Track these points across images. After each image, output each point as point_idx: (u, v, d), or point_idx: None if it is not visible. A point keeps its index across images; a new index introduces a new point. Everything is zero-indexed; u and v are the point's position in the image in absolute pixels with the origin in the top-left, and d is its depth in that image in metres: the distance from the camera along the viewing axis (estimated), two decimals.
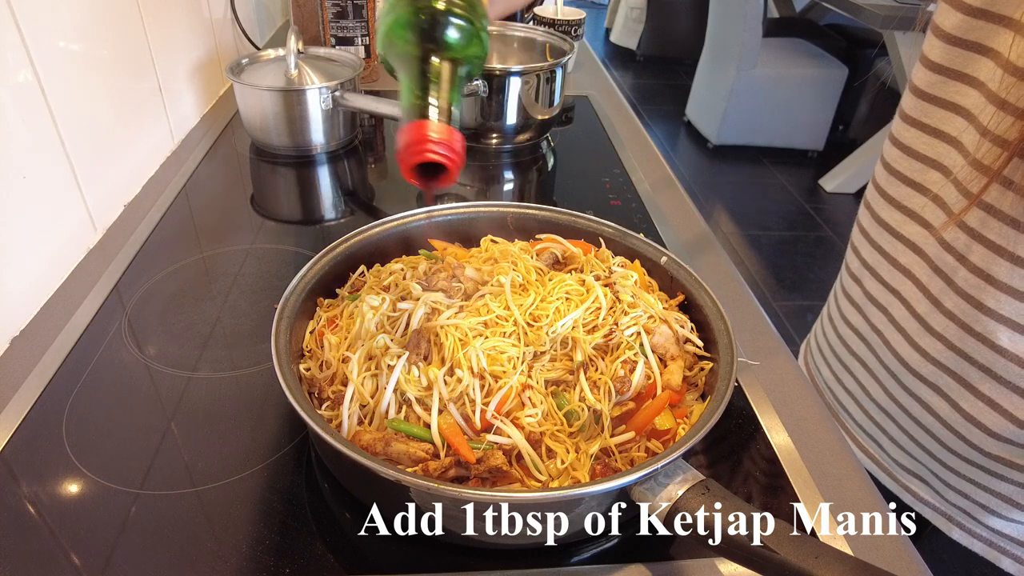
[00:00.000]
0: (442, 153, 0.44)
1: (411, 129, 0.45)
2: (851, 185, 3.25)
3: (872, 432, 0.70)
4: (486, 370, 0.52)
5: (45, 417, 0.60)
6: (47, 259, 0.75)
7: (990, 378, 0.56)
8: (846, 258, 0.72)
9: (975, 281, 0.54)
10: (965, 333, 0.56)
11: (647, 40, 4.82)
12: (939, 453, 0.62)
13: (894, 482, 0.69)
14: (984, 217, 0.52)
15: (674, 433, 0.53)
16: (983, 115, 0.51)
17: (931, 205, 0.58)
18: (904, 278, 0.61)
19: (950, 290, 0.56)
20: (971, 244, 0.54)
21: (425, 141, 0.44)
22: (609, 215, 0.73)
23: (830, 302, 0.76)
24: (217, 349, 0.69)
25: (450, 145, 0.45)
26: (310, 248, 0.86)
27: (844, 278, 0.72)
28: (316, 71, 1.04)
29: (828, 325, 0.75)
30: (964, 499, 0.63)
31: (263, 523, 0.51)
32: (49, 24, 0.73)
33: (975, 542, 0.65)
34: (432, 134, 0.44)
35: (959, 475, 0.62)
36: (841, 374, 0.73)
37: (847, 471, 0.59)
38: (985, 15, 0.51)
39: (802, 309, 2.52)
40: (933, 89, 0.57)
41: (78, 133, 0.79)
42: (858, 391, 0.70)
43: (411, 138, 0.44)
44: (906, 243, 0.61)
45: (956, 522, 0.65)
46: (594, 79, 1.47)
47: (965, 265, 0.55)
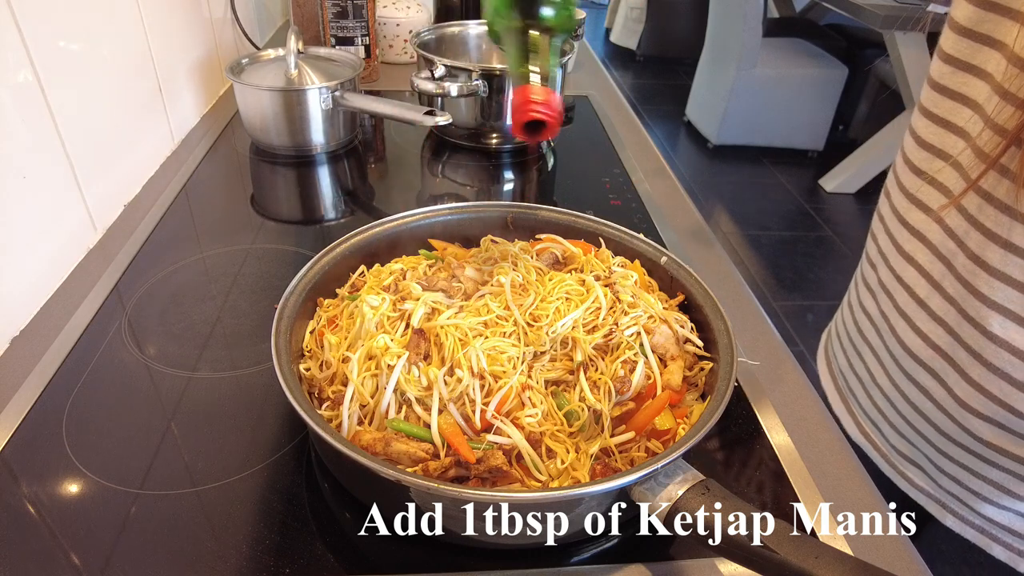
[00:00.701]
0: (543, 111, 0.53)
1: (517, 93, 0.54)
2: (851, 185, 3.26)
3: (875, 418, 0.70)
4: (486, 370, 0.52)
5: (45, 417, 0.60)
6: (47, 259, 0.75)
7: (980, 363, 0.57)
8: (866, 246, 0.73)
9: (971, 267, 0.55)
10: (961, 318, 0.57)
11: (647, 40, 4.82)
12: (934, 438, 0.63)
13: (891, 468, 0.70)
14: (981, 203, 0.53)
15: (674, 433, 0.53)
16: (988, 105, 0.52)
17: (936, 193, 0.59)
18: (907, 264, 0.62)
19: (950, 274, 0.57)
20: (969, 230, 0.55)
21: (529, 103, 0.53)
22: (609, 215, 0.73)
23: (850, 290, 0.77)
24: (217, 349, 0.69)
25: (549, 104, 0.53)
26: (310, 248, 0.86)
27: (863, 265, 0.73)
28: (316, 71, 1.04)
29: (847, 313, 0.76)
30: (957, 486, 0.64)
31: (263, 523, 0.51)
32: (49, 24, 0.73)
33: (968, 529, 0.65)
34: (535, 96, 0.53)
35: (953, 461, 0.63)
36: (854, 360, 0.74)
37: (847, 471, 0.59)
38: (995, 7, 0.52)
39: (802, 309, 2.52)
40: (945, 80, 0.58)
41: (78, 133, 0.79)
42: (866, 377, 0.71)
43: (518, 101, 0.54)
44: (911, 230, 0.62)
45: (950, 509, 0.66)
46: (594, 79, 1.47)
47: (963, 250, 0.56)
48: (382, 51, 1.44)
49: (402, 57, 1.46)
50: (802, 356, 2.25)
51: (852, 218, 3.13)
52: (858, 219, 3.12)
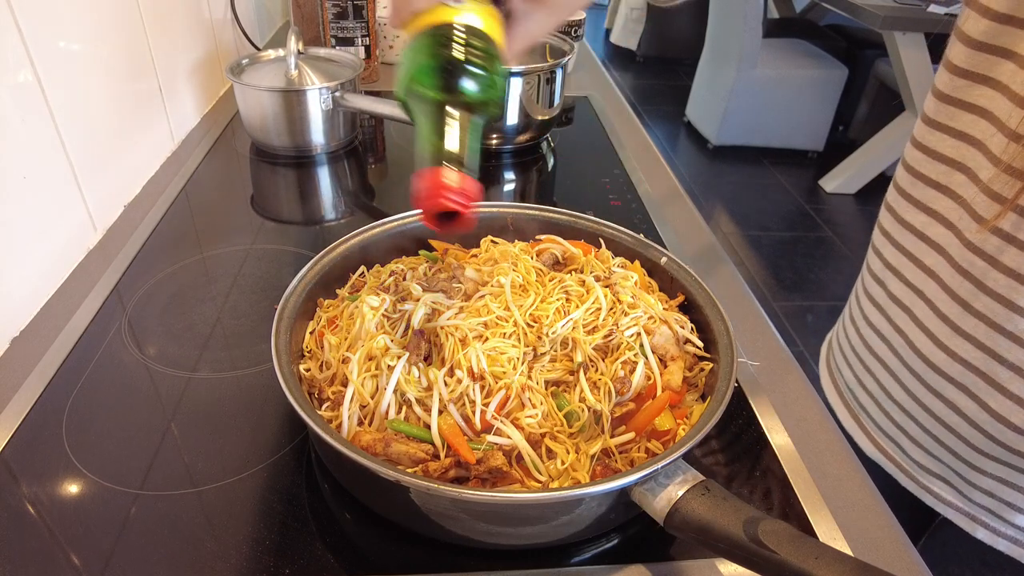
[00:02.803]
0: (457, 201, 0.45)
1: (427, 176, 0.45)
2: (851, 186, 3.26)
3: (892, 433, 0.70)
4: (486, 371, 0.52)
5: (45, 417, 0.60)
6: (47, 259, 0.75)
7: (1020, 377, 0.56)
8: (867, 260, 0.72)
9: (1006, 282, 0.55)
10: (997, 333, 0.56)
11: (647, 40, 4.82)
12: (965, 453, 0.62)
13: (915, 484, 0.69)
14: (1017, 220, 0.53)
15: (674, 434, 0.53)
16: (1011, 119, 0.52)
17: (956, 208, 0.59)
18: (928, 278, 0.62)
19: (981, 293, 0.57)
20: (1004, 247, 0.54)
21: (441, 189, 0.45)
22: (609, 215, 0.73)
23: (851, 303, 0.77)
24: (217, 349, 0.69)
25: (464, 193, 0.45)
26: (310, 248, 0.86)
27: (866, 279, 0.72)
28: (316, 71, 1.04)
29: (851, 327, 0.75)
30: (990, 498, 0.63)
31: (263, 523, 0.51)
32: (49, 24, 0.73)
33: (1000, 540, 0.65)
34: (448, 181, 0.45)
35: (986, 474, 0.62)
36: (863, 376, 0.73)
37: (847, 471, 0.59)
38: (1011, 20, 0.52)
39: (802, 309, 2.52)
40: (958, 93, 0.58)
41: (78, 133, 0.79)
42: (879, 392, 0.70)
43: (428, 186, 0.45)
44: (931, 244, 0.62)
45: (980, 521, 0.65)
46: (594, 79, 1.47)
47: (997, 267, 0.55)
48: (382, 51, 1.44)
49: None
50: (802, 356, 2.25)
51: (852, 219, 3.13)
52: (858, 220, 3.13)
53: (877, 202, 0.71)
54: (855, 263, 0.74)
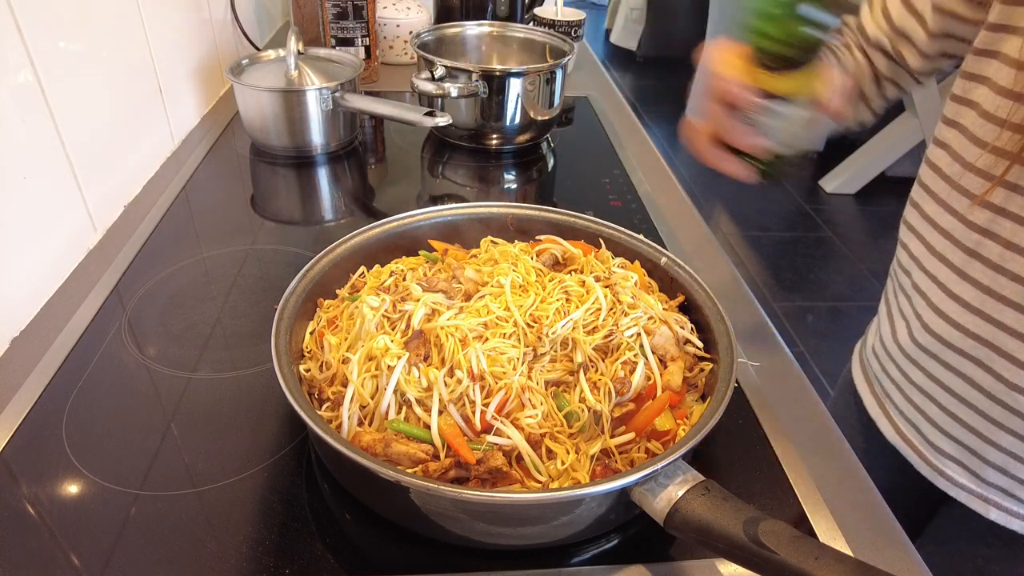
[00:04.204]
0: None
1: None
2: (851, 186, 3.25)
3: (912, 417, 0.71)
4: (486, 371, 0.52)
5: (45, 417, 0.60)
6: (47, 259, 0.75)
7: None
8: (896, 255, 0.75)
9: (1004, 253, 0.57)
10: (1002, 304, 0.58)
11: (647, 41, 4.81)
12: (980, 426, 0.64)
13: (929, 468, 0.71)
14: (1008, 195, 0.55)
15: (674, 434, 0.53)
16: (999, 110, 0.55)
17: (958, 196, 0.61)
18: (940, 264, 0.64)
19: (978, 263, 0.59)
20: (995, 218, 0.57)
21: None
22: (609, 215, 0.73)
23: (885, 297, 0.78)
24: (217, 350, 0.69)
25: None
26: (310, 248, 0.86)
27: (897, 272, 0.74)
28: (316, 72, 1.04)
29: (885, 323, 0.77)
30: (1003, 476, 0.64)
31: (263, 523, 0.51)
32: (49, 24, 0.73)
33: (1013, 520, 0.66)
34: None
35: (999, 448, 0.63)
36: (886, 363, 0.75)
37: (847, 471, 0.59)
38: (1003, 28, 0.56)
39: (802, 310, 2.52)
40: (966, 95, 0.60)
41: (78, 133, 0.79)
42: (900, 378, 0.72)
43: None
44: (941, 231, 0.64)
45: (993, 503, 0.67)
46: (594, 80, 1.47)
47: (994, 239, 0.57)
48: (382, 52, 1.44)
49: (402, 58, 1.46)
50: (802, 357, 2.25)
51: (852, 219, 3.13)
52: (858, 220, 3.12)
53: (877, 202, 0.71)
54: (855, 263, 0.74)
